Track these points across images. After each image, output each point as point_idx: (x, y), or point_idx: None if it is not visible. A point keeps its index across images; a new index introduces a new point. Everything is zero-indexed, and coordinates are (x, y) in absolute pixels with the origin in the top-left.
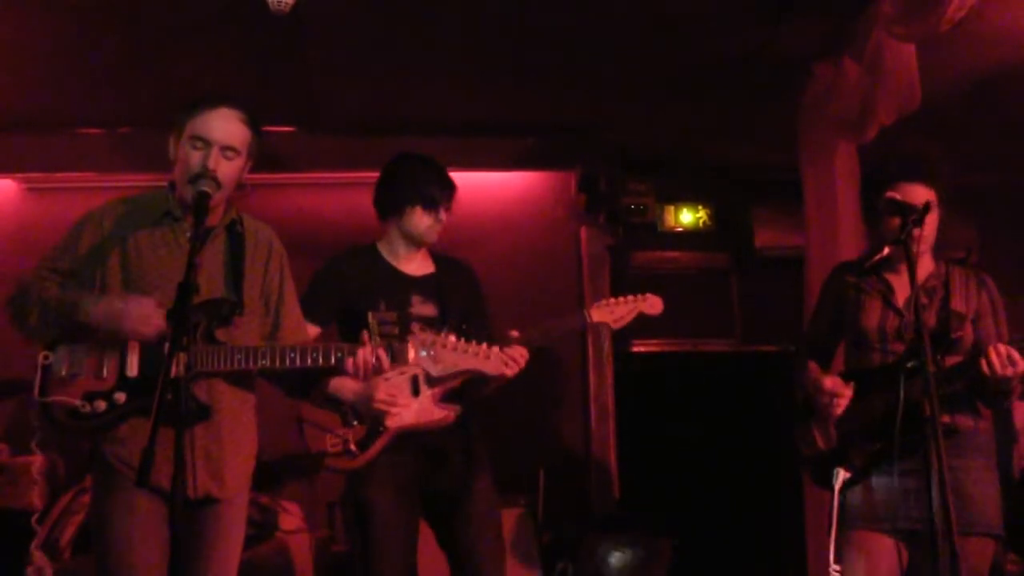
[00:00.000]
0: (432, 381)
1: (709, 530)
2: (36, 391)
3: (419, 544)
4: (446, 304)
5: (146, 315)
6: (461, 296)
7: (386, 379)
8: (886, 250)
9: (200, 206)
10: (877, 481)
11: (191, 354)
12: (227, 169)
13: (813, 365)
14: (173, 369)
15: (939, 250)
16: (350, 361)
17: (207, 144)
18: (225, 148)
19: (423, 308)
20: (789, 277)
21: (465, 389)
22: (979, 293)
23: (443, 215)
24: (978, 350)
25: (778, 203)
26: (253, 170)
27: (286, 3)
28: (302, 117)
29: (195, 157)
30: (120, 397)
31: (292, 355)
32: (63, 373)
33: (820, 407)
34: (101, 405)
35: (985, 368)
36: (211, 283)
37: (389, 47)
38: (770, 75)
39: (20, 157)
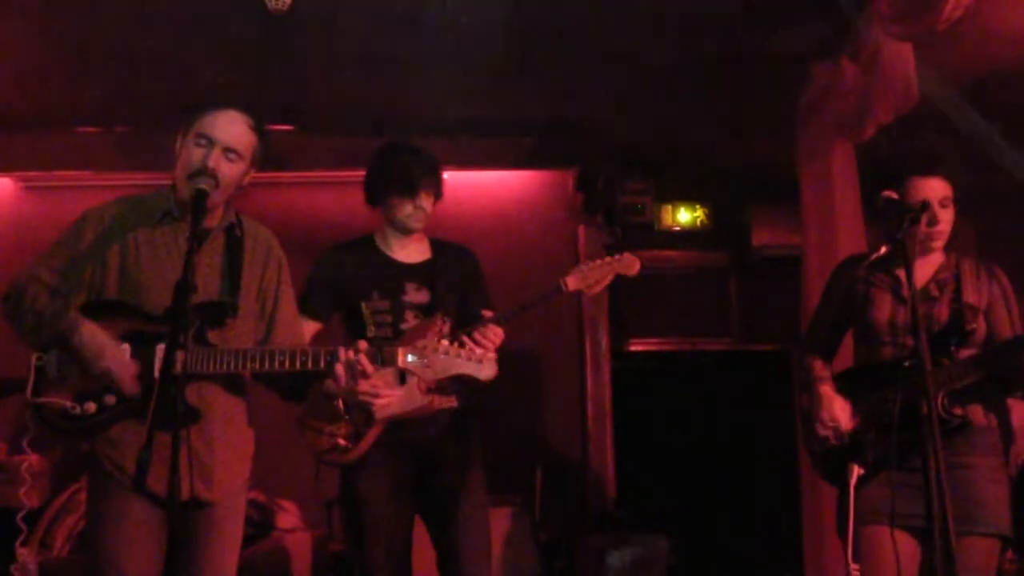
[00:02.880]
0: None
1: (706, 529)
2: (29, 392)
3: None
4: (439, 290)
5: (124, 371)
6: (456, 281)
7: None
8: (883, 249)
9: (198, 204)
10: (890, 477)
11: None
12: (227, 170)
13: (819, 365)
14: (177, 367)
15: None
16: (338, 366)
17: (210, 142)
18: (227, 149)
19: (416, 295)
20: (787, 276)
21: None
22: (990, 284)
23: (424, 201)
24: (992, 342)
25: (776, 202)
26: None
27: (284, 2)
28: (299, 116)
29: (196, 154)
30: (110, 399)
31: (282, 358)
32: (56, 374)
33: (812, 422)
34: (91, 407)
35: None
36: (207, 285)
37: (386, 46)
38: (768, 75)
39: (18, 156)
